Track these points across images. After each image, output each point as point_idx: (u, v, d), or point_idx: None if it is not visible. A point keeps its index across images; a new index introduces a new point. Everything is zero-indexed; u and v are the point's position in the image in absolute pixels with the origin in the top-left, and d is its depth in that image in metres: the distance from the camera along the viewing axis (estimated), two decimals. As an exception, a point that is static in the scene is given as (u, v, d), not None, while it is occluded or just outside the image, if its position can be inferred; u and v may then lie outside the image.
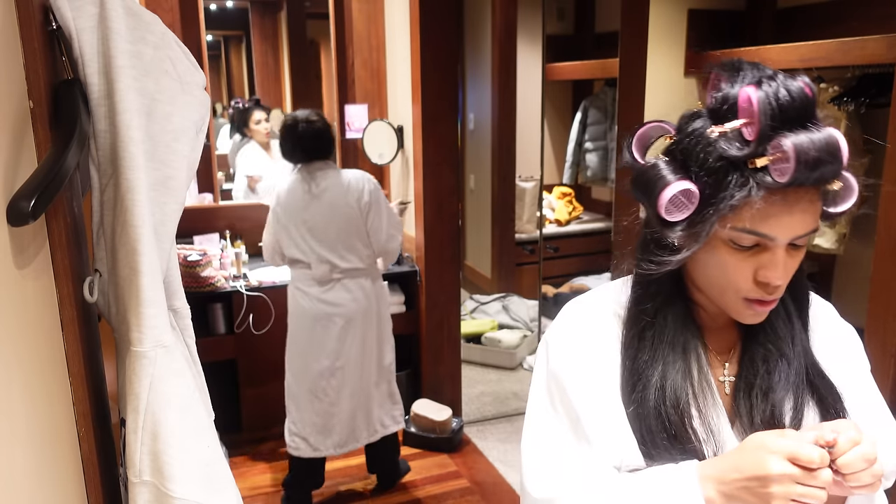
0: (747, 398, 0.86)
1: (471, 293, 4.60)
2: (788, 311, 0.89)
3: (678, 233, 0.78)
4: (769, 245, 0.77)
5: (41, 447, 0.76)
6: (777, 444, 0.71)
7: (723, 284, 0.81)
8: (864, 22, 3.32)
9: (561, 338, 0.90)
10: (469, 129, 4.96)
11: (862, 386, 0.93)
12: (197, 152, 0.98)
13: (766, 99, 0.72)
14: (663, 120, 0.84)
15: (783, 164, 0.71)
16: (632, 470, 0.84)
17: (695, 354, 0.86)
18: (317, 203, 2.46)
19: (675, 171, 0.78)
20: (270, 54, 3.94)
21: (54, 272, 0.84)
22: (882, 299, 2.66)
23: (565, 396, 0.86)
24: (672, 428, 0.82)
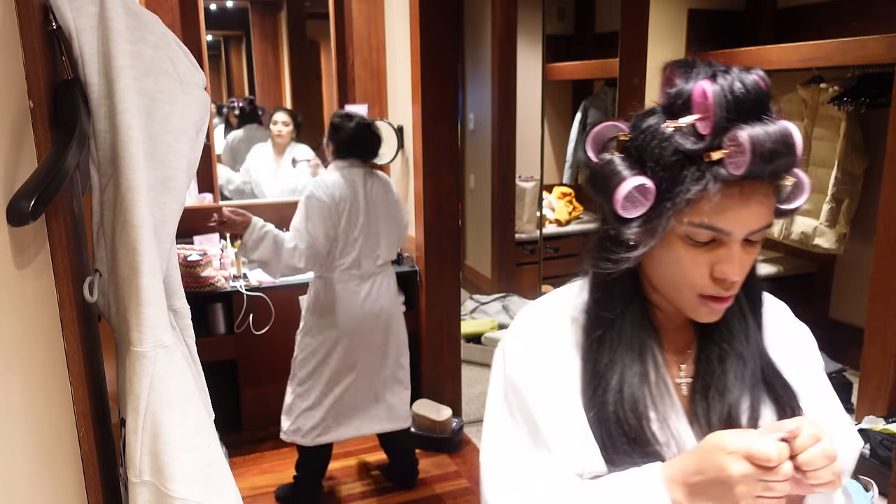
0: (704, 399, 0.85)
1: (471, 293, 4.60)
2: (743, 311, 0.89)
3: (634, 229, 0.78)
4: (725, 240, 0.76)
5: (41, 447, 0.76)
6: (734, 443, 0.71)
7: (679, 281, 0.80)
8: (864, 22, 3.32)
9: (517, 344, 0.89)
10: (469, 129, 4.96)
11: (816, 385, 0.93)
12: (197, 152, 0.98)
13: (720, 92, 0.72)
14: (618, 118, 0.84)
15: (739, 156, 0.71)
16: (594, 476, 0.83)
17: (651, 356, 0.85)
18: (370, 199, 2.56)
19: (630, 167, 0.78)
20: (270, 54, 3.94)
21: (54, 272, 0.84)
22: (882, 299, 2.66)
23: (523, 404, 0.85)
24: (632, 432, 0.81)
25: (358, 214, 2.53)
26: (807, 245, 3.62)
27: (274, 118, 3.70)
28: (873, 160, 3.36)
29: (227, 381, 3.21)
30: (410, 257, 3.40)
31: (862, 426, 2.65)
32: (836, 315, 3.87)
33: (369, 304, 2.60)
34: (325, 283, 2.58)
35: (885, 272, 2.64)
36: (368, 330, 2.61)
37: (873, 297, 2.71)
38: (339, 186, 2.49)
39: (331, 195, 2.47)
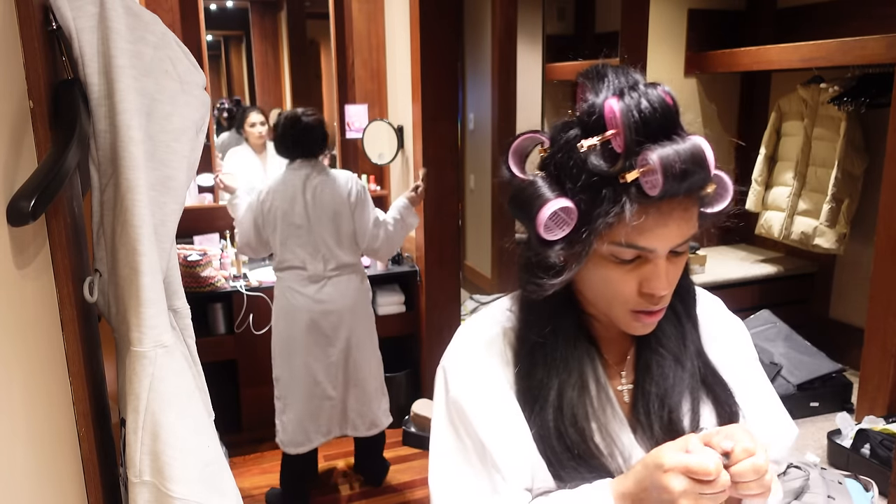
0: (645, 405, 0.85)
1: (471, 293, 4.60)
2: (677, 313, 0.89)
3: (558, 252, 0.77)
4: (649, 257, 0.76)
5: (41, 447, 0.76)
6: (672, 460, 0.71)
7: (609, 298, 0.80)
8: (864, 22, 3.32)
9: (457, 363, 0.87)
10: (469, 129, 4.96)
11: (752, 378, 0.94)
12: (197, 152, 0.98)
13: (627, 111, 0.72)
14: (536, 130, 0.83)
15: (652, 177, 0.71)
16: (544, 492, 0.83)
17: (591, 367, 0.85)
18: (313, 200, 2.48)
19: (552, 188, 0.77)
20: (270, 54, 3.94)
21: (54, 272, 0.84)
22: (882, 299, 2.67)
23: (468, 424, 0.83)
24: (574, 447, 0.81)
25: (297, 219, 2.47)
26: (807, 245, 3.62)
27: (251, 120, 3.65)
28: (873, 160, 3.36)
29: (227, 381, 3.21)
30: (410, 257, 3.40)
31: (862, 426, 2.65)
32: (836, 315, 3.87)
33: (321, 306, 2.54)
34: (279, 282, 2.59)
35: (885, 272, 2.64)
36: (318, 333, 2.55)
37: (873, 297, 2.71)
38: (272, 191, 2.48)
39: (257, 199, 2.51)
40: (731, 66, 3.73)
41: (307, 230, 2.49)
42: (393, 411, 2.94)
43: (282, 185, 2.49)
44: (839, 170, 3.37)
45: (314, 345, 2.56)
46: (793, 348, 3.21)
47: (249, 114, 3.68)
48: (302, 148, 2.48)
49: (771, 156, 3.85)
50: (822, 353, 3.21)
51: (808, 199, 3.63)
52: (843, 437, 2.69)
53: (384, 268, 3.31)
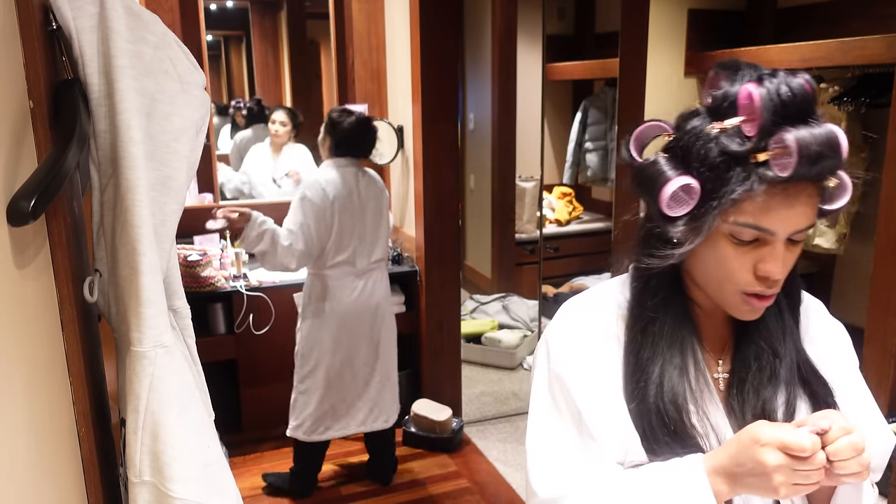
0: (740, 394, 0.87)
1: (471, 293, 4.60)
2: (781, 309, 0.90)
3: (680, 227, 0.79)
4: (769, 239, 0.78)
5: (41, 447, 0.76)
6: (768, 435, 0.73)
7: (722, 279, 0.82)
8: (864, 22, 3.32)
9: (561, 337, 0.91)
10: (469, 129, 4.96)
11: (851, 382, 0.95)
12: (197, 152, 0.98)
13: (767, 95, 0.73)
14: (661, 119, 0.85)
15: (785, 158, 0.72)
16: (635, 465, 0.85)
17: (691, 351, 0.87)
18: (362, 196, 2.57)
19: (675, 167, 0.79)
20: (270, 54, 3.94)
21: (54, 272, 0.84)
22: (882, 299, 2.66)
23: (568, 395, 0.87)
24: (671, 423, 0.83)
25: (352, 213, 2.54)
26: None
27: (272, 117, 3.70)
28: (873, 160, 3.36)
29: (227, 381, 3.21)
30: (410, 257, 3.40)
31: (862, 426, 2.65)
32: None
33: (364, 300, 2.62)
34: (321, 279, 2.60)
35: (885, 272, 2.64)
36: (362, 325, 2.63)
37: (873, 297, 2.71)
38: (332, 185, 2.50)
39: (323, 196, 2.48)
40: (731, 66, 3.73)
41: (360, 225, 2.57)
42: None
43: (340, 180, 2.53)
44: (839, 170, 3.36)
45: (358, 338, 2.64)
46: (793, 348, 3.21)
47: (275, 111, 3.72)
48: (364, 148, 2.60)
49: (771, 156, 3.85)
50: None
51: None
52: (843, 437, 2.69)
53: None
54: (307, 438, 2.66)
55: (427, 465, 3.03)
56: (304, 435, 2.66)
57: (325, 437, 2.68)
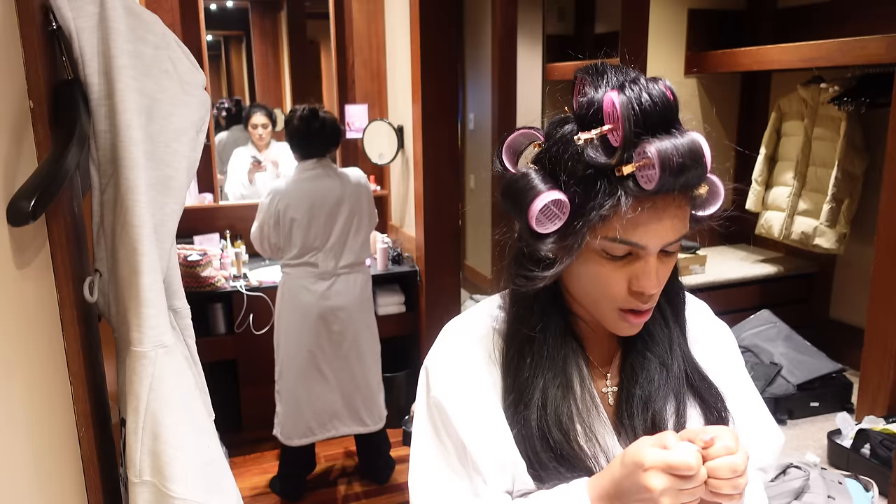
0: (629, 408, 0.85)
1: (471, 293, 4.60)
2: (665, 316, 0.88)
3: (550, 245, 0.76)
4: (641, 254, 0.76)
5: (42, 447, 0.76)
6: (652, 458, 0.70)
7: (597, 295, 0.80)
8: (864, 22, 3.32)
9: (440, 363, 0.87)
10: (469, 129, 4.96)
11: (738, 383, 0.94)
12: (197, 152, 0.98)
13: (628, 104, 0.71)
14: (532, 126, 0.82)
15: (649, 170, 0.70)
16: (524, 493, 0.82)
17: (576, 368, 0.84)
18: (326, 197, 2.52)
19: (545, 181, 0.76)
20: (270, 54, 3.94)
21: (54, 272, 0.84)
22: (882, 299, 2.66)
23: (449, 425, 0.83)
24: (557, 447, 0.80)
25: (310, 219, 2.50)
26: (807, 245, 3.62)
27: (252, 121, 3.65)
28: (873, 160, 3.36)
29: (227, 381, 3.21)
30: (410, 257, 3.40)
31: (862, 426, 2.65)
32: (836, 315, 3.87)
33: (325, 303, 2.57)
34: (286, 277, 2.61)
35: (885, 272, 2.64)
36: (325, 329, 2.59)
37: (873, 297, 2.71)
38: (286, 195, 2.49)
39: (270, 201, 2.51)
40: (731, 66, 3.73)
41: (321, 227, 2.52)
42: (393, 411, 2.95)
43: (295, 183, 2.51)
44: (839, 170, 3.37)
45: (322, 341, 2.60)
46: (793, 348, 3.21)
47: (253, 114, 3.69)
48: (317, 146, 2.51)
49: (771, 156, 3.85)
50: (822, 353, 3.21)
51: (809, 199, 3.63)
52: (843, 437, 2.69)
53: (384, 268, 3.31)
54: (287, 442, 2.66)
55: (427, 465, 3.03)
56: (284, 438, 2.66)
57: (303, 441, 2.65)
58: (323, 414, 2.65)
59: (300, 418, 2.63)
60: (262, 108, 3.74)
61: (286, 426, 2.64)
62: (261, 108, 3.73)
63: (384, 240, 3.40)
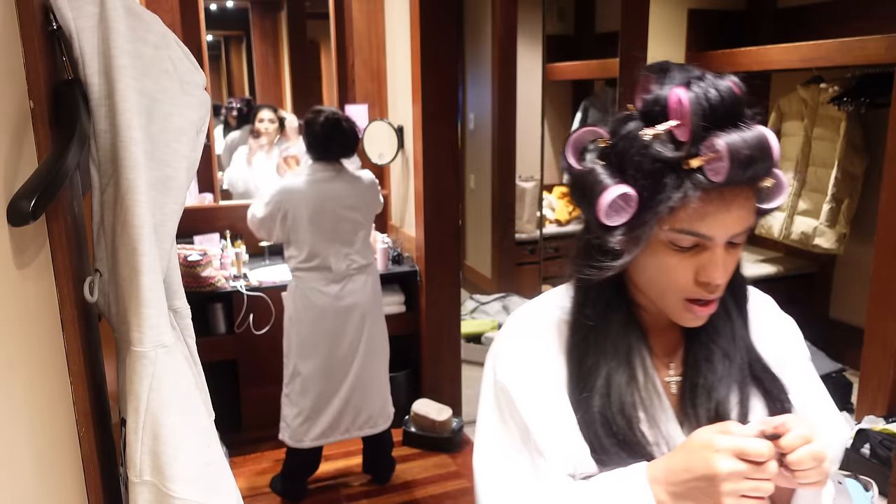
0: (692, 398, 0.86)
1: (471, 293, 4.60)
2: (728, 309, 0.90)
3: (618, 237, 0.78)
4: (708, 245, 0.77)
5: (42, 447, 0.76)
6: (723, 441, 0.71)
7: (663, 286, 0.81)
8: (864, 22, 3.32)
9: (507, 348, 0.90)
10: (469, 129, 4.96)
11: (804, 376, 0.95)
12: (197, 152, 0.98)
13: (696, 99, 0.73)
14: (596, 124, 0.84)
15: (717, 163, 0.72)
16: (586, 477, 0.83)
17: (639, 357, 0.86)
18: (339, 200, 2.53)
19: (612, 175, 0.78)
20: (271, 54, 3.94)
21: (55, 272, 0.84)
22: (882, 299, 2.66)
23: (514, 408, 0.85)
24: (620, 433, 0.82)
25: (323, 223, 2.51)
26: (807, 245, 3.62)
27: (260, 116, 3.67)
28: (873, 160, 3.36)
29: (227, 381, 3.21)
30: (410, 257, 3.40)
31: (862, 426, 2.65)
32: (836, 315, 3.87)
33: (339, 303, 2.58)
34: (298, 281, 2.61)
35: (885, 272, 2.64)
36: (338, 329, 2.60)
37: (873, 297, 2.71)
38: (298, 195, 2.49)
39: (278, 201, 2.50)
40: (731, 67, 3.73)
41: (333, 229, 2.53)
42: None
43: (309, 184, 2.51)
44: (839, 170, 3.37)
45: (339, 342, 2.61)
46: (793, 348, 3.21)
47: (260, 111, 3.70)
48: (336, 152, 2.53)
49: (771, 156, 3.85)
50: (822, 353, 3.21)
51: (808, 199, 3.63)
52: (843, 437, 2.69)
53: (384, 268, 3.31)
54: (293, 444, 2.66)
55: (427, 465, 3.03)
56: (291, 440, 2.66)
57: (309, 444, 2.65)
58: (338, 416, 2.65)
59: (315, 421, 2.63)
60: (268, 106, 3.77)
61: (297, 430, 2.63)
62: (267, 106, 3.76)
63: (384, 240, 3.40)
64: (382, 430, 2.78)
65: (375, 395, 2.73)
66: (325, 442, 2.68)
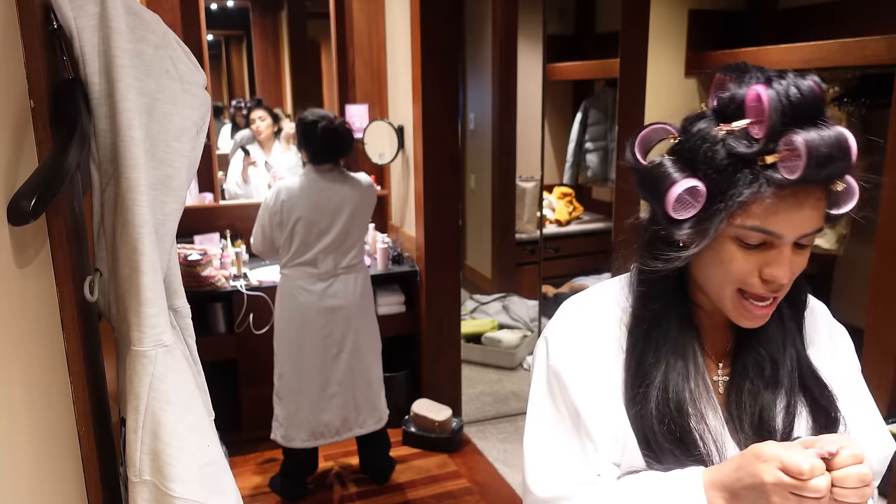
0: (738, 400, 0.87)
1: (471, 293, 4.60)
2: (782, 316, 0.90)
3: (686, 230, 0.78)
4: (776, 243, 0.77)
5: (42, 446, 0.76)
6: (770, 452, 0.72)
7: (725, 281, 0.81)
8: (864, 23, 3.32)
9: (561, 334, 0.91)
10: (469, 129, 4.96)
11: (854, 387, 0.95)
12: (197, 152, 0.98)
13: (776, 96, 0.73)
14: (666, 122, 0.85)
15: (794, 160, 0.72)
16: (631, 469, 0.85)
17: (692, 354, 0.87)
18: (333, 201, 2.53)
19: (681, 170, 0.79)
20: (271, 54, 3.94)
21: (55, 271, 0.84)
22: (882, 299, 2.66)
23: (566, 393, 0.86)
24: (676, 429, 0.83)
25: (315, 220, 2.52)
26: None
27: (251, 116, 3.69)
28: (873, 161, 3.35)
29: (227, 381, 3.21)
30: (410, 257, 3.40)
31: (862, 427, 2.65)
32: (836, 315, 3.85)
33: (323, 303, 2.58)
34: (285, 279, 2.62)
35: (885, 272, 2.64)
36: (324, 329, 2.59)
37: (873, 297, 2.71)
38: (288, 192, 2.51)
39: (275, 200, 2.53)
40: (731, 67, 3.73)
41: (325, 229, 2.53)
42: (393, 411, 2.94)
43: (304, 184, 2.52)
44: (839, 170, 3.36)
45: (323, 342, 2.60)
46: (793, 349, 3.21)
47: (253, 110, 3.71)
48: (333, 153, 2.54)
49: (771, 156, 3.85)
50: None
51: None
52: (842, 437, 2.69)
53: (384, 268, 3.31)
54: (285, 444, 2.67)
55: (427, 464, 3.03)
56: (283, 440, 2.66)
57: (300, 445, 2.65)
58: (326, 417, 2.65)
59: (303, 421, 2.63)
60: (261, 105, 3.78)
61: (288, 429, 2.64)
62: (259, 105, 3.78)
63: (384, 240, 3.40)
64: (374, 430, 2.77)
65: (365, 397, 2.72)
66: (316, 444, 2.67)
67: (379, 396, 2.78)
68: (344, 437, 2.71)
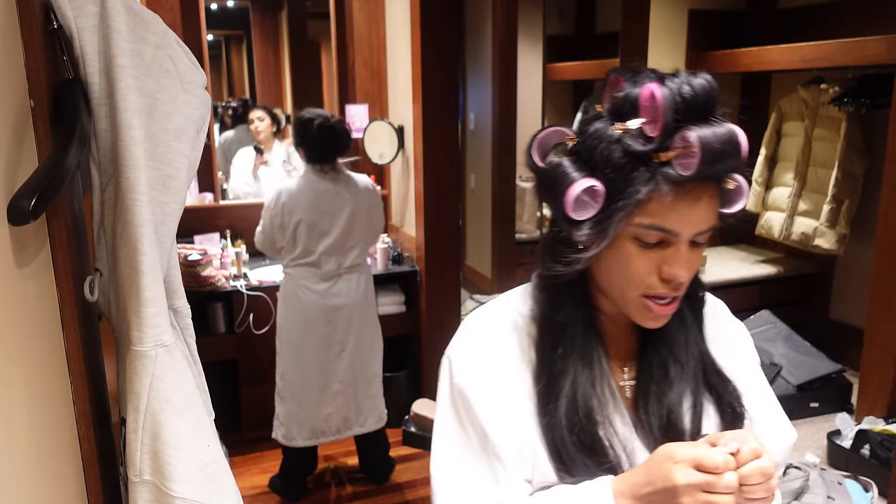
0: (645, 403, 0.87)
1: (471, 293, 4.60)
2: (683, 315, 0.90)
3: (585, 231, 0.78)
4: (673, 241, 0.78)
5: (42, 446, 0.76)
6: (682, 453, 0.72)
7: (625, 281, 0.81)
8: (864, 22, 3.32)
9: (463, 351, 0.89)
10: (469, 129, 4.96)
11: (753, 381, 0.96)
12: (198, 152, 0.98)
13: (669, 95, 0.74)
14: (562, 124, 0.84)
15: (688, 157, 0.73)
16: (543, 486, 0.83)
17: (598, 360, 0.86)
18: (335, 201, 2.54)
19: (579, 170, 0.78)
20: (271, 54, 3.94)
21: (55, 271, 0.84)
22: (882, 299, 2.67)
23: (472, 413, 0.84)
24: (585, 437, 0.82)
25: (316, 221, 2.52)
26: (807, 245, 3.62)
27: (250, 116, 3.69)
28: (873, 161, 3.36)
29: (227, 381, 3.21)
30: (410, 257, 3.40)
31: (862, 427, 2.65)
32: (836, 315, 3.87)
33: (327, 302, 2.59)
34: (288, 278, 2.62)
35: (885, 272, 2.64)
36: (326, 329, 2.60)
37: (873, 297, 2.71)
38: (288, 192, 2.52)
39: (276, 201, 2.53)
40: (731, 67, 3.73)
41: (327, 231, 2.54)
42: (393, 411, 2.95)
43: (303, 184, 2.53)
44: (839, 170, 3.37)
45: (325, 341, 2.60)
46: (793, 349, 3.21)
47: (252, 111, 3.71)
48: (330, 153, 2.54)
49: (771, 156, 3.85)
50: (821, 353, 3.21)
51: (809, 200, 3.63)
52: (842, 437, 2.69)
53: (384, 268, 3.31)
54: (285, 443, 2.67)
55: (427, 465, 3.02)
56: (283, 439, 2.67)
57: (301, 443, 2.66)
58: (327, 416, 2.65)
59: (305, 420, 2.63)
60: (260, 106, 3.79)
61: (290, 428, 2.64)
62: (258, 106, 3.78)
63: (384, 240, 3.40)
64: (374, 430, 2.78)
65: (366, 396, 2.72)
66: (317, 442, 2.68)
67: (378, 398, 2.78)
68: (345, 436, 2.72)
